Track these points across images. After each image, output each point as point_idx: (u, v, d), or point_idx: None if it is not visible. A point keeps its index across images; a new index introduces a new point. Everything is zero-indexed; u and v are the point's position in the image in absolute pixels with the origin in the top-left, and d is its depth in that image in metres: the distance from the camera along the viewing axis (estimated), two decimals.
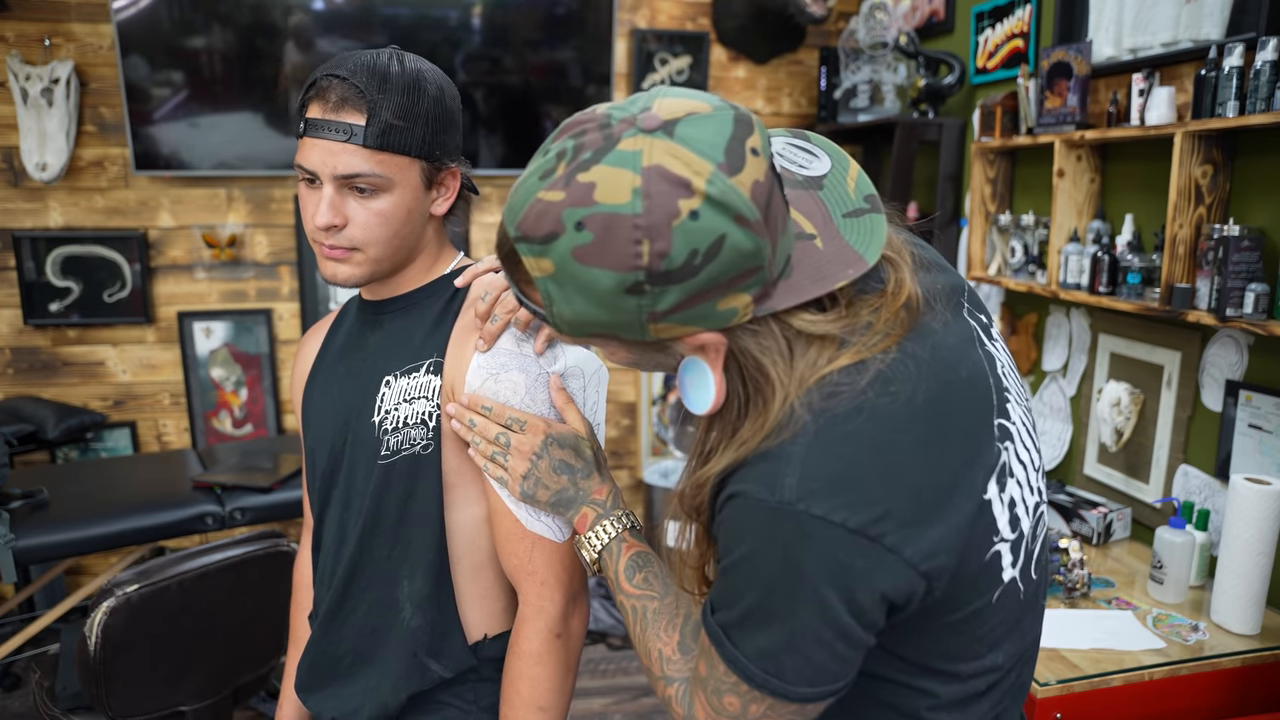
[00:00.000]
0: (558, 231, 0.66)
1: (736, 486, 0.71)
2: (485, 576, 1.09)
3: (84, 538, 2.22)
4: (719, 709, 0.76)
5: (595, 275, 0.66)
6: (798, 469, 0.68)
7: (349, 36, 2.98)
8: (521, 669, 1.01)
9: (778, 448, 0.69)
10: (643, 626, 0.88)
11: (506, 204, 0.71)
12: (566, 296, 0.68)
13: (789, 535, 0.68)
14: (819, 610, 0.69)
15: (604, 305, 0.67)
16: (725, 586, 0.73)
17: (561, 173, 0.66)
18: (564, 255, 0.66)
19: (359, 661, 1.10)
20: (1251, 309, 1.69)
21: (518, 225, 0.68)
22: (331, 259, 1.01)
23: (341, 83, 0.95)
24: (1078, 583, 1.80)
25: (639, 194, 0.64)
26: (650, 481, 3.20)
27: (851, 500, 0.67)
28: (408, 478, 1.03)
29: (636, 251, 0.64)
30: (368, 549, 1.07)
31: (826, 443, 0.68)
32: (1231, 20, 1.87)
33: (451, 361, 1.03)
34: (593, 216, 0.64)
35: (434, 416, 1.02)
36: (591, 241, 0.65)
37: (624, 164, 0.64)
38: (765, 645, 0.71)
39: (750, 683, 0.72)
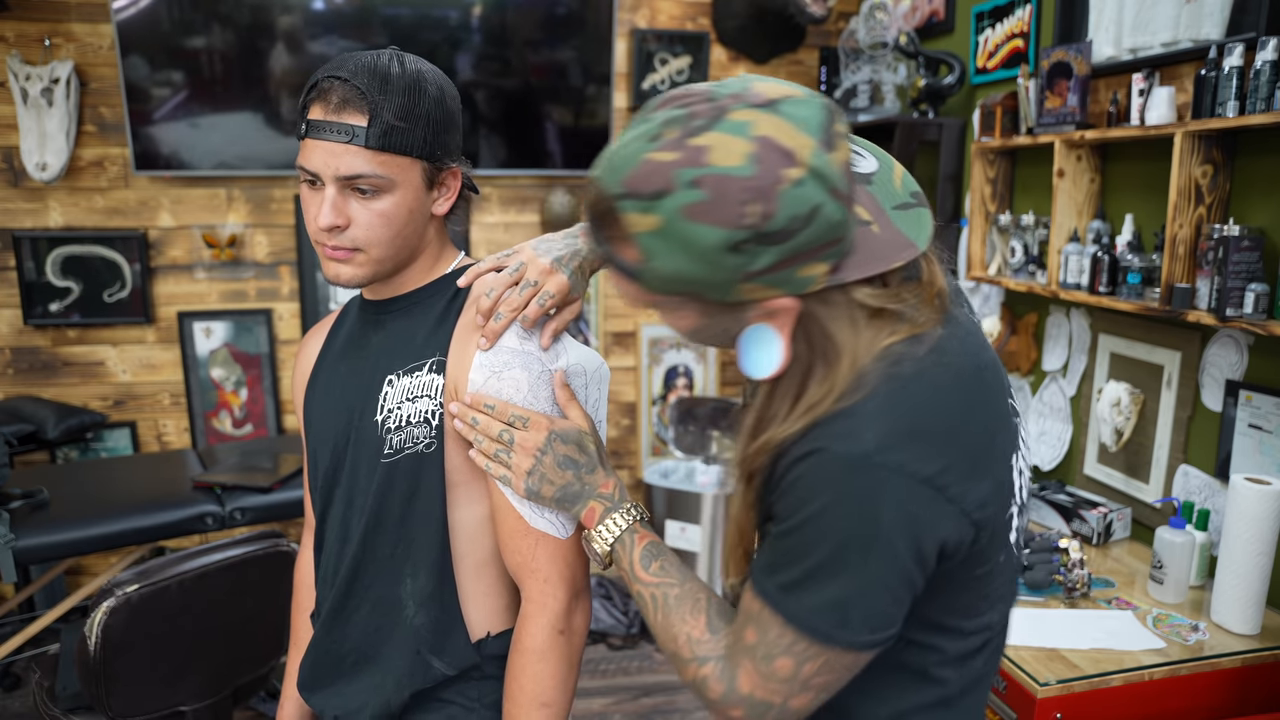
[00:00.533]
0: (668, 189, 0.70)
1: (813, 445, 0.75)
2: (488, 574, 1.09)
3: (84, 538, 2.22)
4: (768, 674, 0.79)
5: (702, 232, 0.70)
6: (874, 425, 0.74)
7: (349, 36, 2.98)
8: (524, 665, 1.01)
9: (851, 407, 0.75)
10: (665, 613, 0.89)
11: (603, 165, 0.74)
12: (668, 251, 0.72)
13: (868, 485, 0.73)
14: (889, 557, 0.74)
15: (703, 261, 0.71)
16: (789, 546, 0.77)
17: (672, 137, 0.70)
18: (673, 211, 0.70)
19: (362, 660, 1.10)
20: (1251, 309, 1.69)
21: (623, 183, 0.72)
22: (334, 260, 1.01)
23: (343, 84, 0.96)
24: (1078, 583, 1.80)
25: (751, 159, 0.69)
26: (650, 481, 3.20)
27: (921, 453, 0.74)
28: (411, 476, 1.04)
29: (744, 212, 0.69)
30: (371, 547, 1.07)
31: (896, 402, 0.75)
32: (1231, 20, 1.87)
33: (454, 360, 1.03)
34: (705, 177, 0.69)
35: (437, 415, 1.03)
36: (702, 200, 0.69)
37: (736, 132, 0.69)
38: (832, 597, 0.75)
39: (813, 636, 0.76)
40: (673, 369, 3.62)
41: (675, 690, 2.85)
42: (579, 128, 3.26)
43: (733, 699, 0.82)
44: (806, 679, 0.79)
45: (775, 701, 0.81)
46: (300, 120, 0.99)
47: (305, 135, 0.98)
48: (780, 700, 0.80)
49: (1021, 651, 1.62)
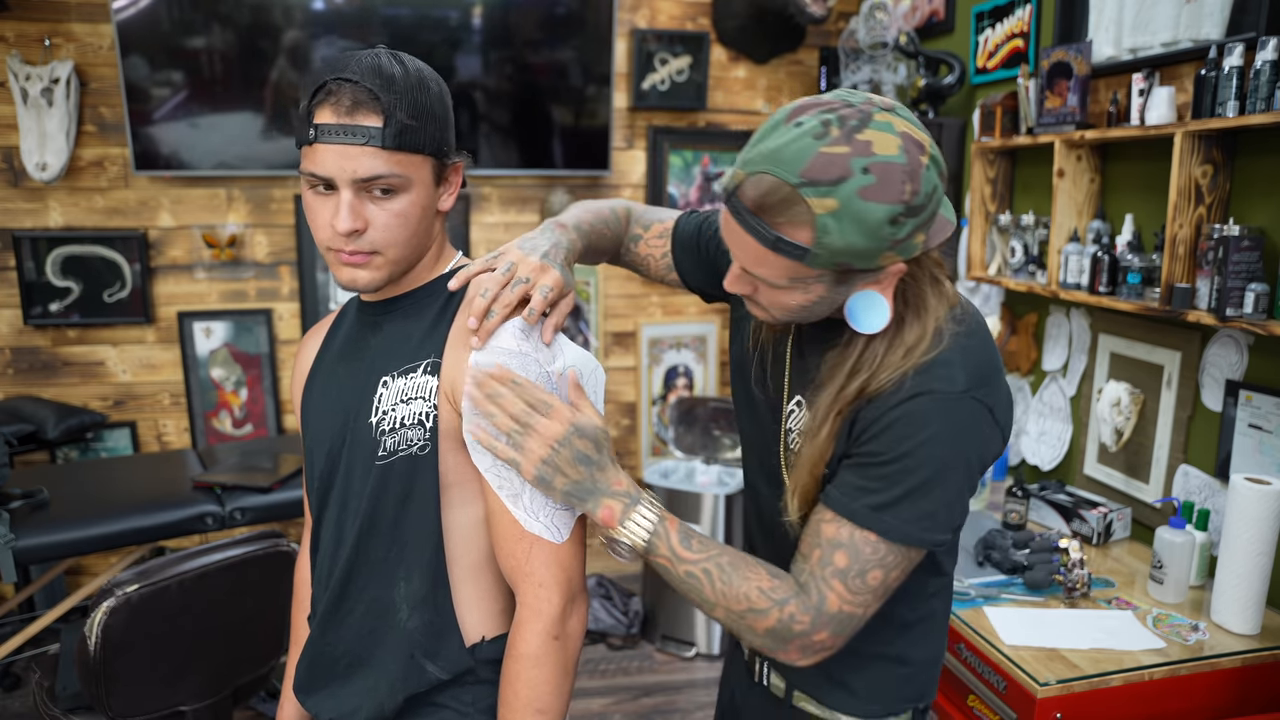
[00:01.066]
0: (846, 175, 0.85)
1: (919, 388, 0.94)
2: (483, 578, 1.08)
3: (84, 538, 2.22)
4: (859, 589, 0.95)
5: (873, 209, 0.85)
6: (961, 369, 0.95)
7: (349, 36, 2.98)
8: (519, 671, 1.01)
9: (941, 357, 0.95)
10: (724, 579, 0.98)
11: (767, 161, 0.87)
12: (842, 228, 0.86)
13: (963, 417, 0.94)
14: (968, 471, 0.96)
15: (870, 234, 0.86)
16: (888, 473, 0.94)
17: (838, 134, 0.86)
18: (850, 193, 0.85)
19: (356, 662, 1.10)
20: (1251, 309, 1.69)
21: (802, 173, 0.85)
22: (351, 264, 1.00)
23: (353, 86, 0.95)
24: (1078, 583, 1.80)
25: (902, 149, 0.86)
26: (650, 481, 3.20)
27: (989, 390, 0.97)
28: (405, 478, 1.03)
29: (903, 189, 0.86)
30: (365, 550, 1.07)
31: (967, 351, 0.96)
32: (1231, 20, 1.87)
33: (449, 362, 1.03)
34: (875, 164, 0.85)
35: (431, 417, 1.02)
36: (875, 183, 0.85)
37: (885, 129, 0.86)
38: (926, 509, 0.94)
39: (907, 543, 0.95)
40: (673, 369, 3.62)
41: (675, 690, 2.85)
42: (579, 128, 3.26)
43: (821, 621, 0.95)
44: (889, 584, 0.96)
45: (859, 613, 0.96)
46: (305, 126, 0.97)
47: (314, 140, 0.96)
48: (863, 611, 0.96)
49: (1021, 651, 1.62)
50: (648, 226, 1.29)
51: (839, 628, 0.96)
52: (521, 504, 1.00)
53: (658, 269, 1.29)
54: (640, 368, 3.58)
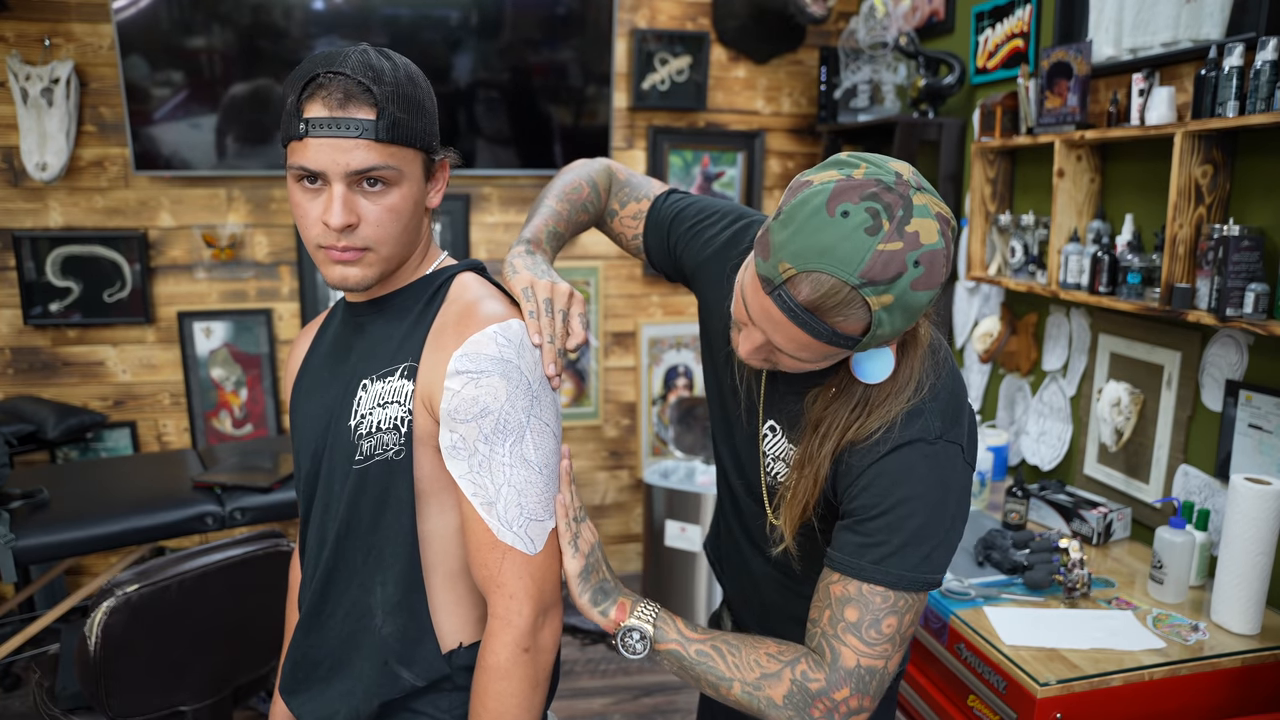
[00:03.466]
0: (902, 271, 0.87)
1: (903, 438, 0.98)
2: (460, 585, 1.07)
3: (84, 538, 2.22)
4: (875, 639, 0.97)
5: (920, 297, 0.89)
6: (938, 416, 1.00)
7: (349, 36, 2.98)
8: (487, 683, 0.99)
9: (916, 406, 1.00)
10: (735, 652, 1.02)
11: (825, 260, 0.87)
12: (893, 319, 0.89)
13: (944, 459, 1.00)
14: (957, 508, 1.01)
15: (912, 317, 0.91)
16: (882, 525, 0.98)
17: (890, 229, 0.86)
18: (904, 288, 0.88)
19: (336, 666, 1.09)
20: (1251, 309, 1.69)
21: (862, 274, 0.86)
22: (342, 262, 0.99)
23: (344, 79, 0.93)
24: (1078, 583, 1.80)
25: (939, 233, 0.89)
26: (650, 481, 3.20)
27: (959, 430, 1.02)
28: (380, 483, 1.02)
29: (944, 273, 0.90)
30: (343, 554, 1.06)
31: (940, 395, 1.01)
32: (1231, 20, 1.87)
33: (426, 366, 1.01)
34: (924, 254, 0.87)
35: (406, 422, 1.00)
36: (924, 273, 0.88)
37: (925, 215, 0.88)
38: (924, 554, 0.98)
39: (913, 588, 0.97)
40: (673, 369, 3.62)
41: (675, 690, 2.85)
42: (579, 128, 3.26)
43: (837, 678, 0.96)
44: (904, 631, 0.98)
45: (879, 666, 0.97)
46: (294, 120, 0.95)
47: (305, 134, 0.94)
48: (883, 663, 0.97)
49: (1021, 651, 1.62)
50: (624, 204, 1.32)
51: (861, 684, 0.97)
52: (495, 513, 0.98)
53: (630, 246, 1.35)
54: (640, 368, 3.58)
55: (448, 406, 0.98)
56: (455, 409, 0.97)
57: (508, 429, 0.98)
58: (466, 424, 0.97)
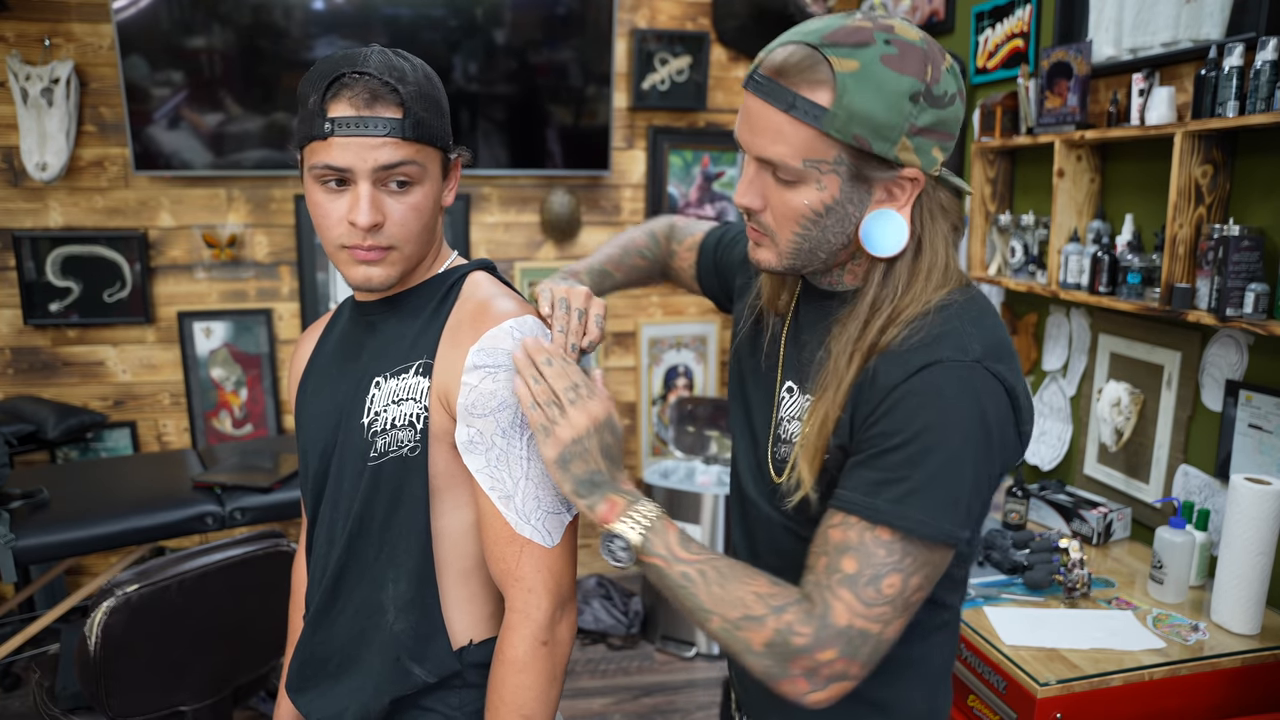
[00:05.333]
0: (869, 41, 0.85)
1: (929, 358, 0.86)
2: (472, 582, 1.08)
3: (84, 538, 2.22)
4: (873, 599, 0.84)
5: (893, 77, 0.85)
6: (976, 339, 0.88)
7: (349, 36, 2.98)
8: (505, 676, 1.00)
9: (948, 329, 0.88)
10: (720, 581, 0.89)
11: (796, 33, 0.88)
12: (861, 90, 0.84)
13: (980, 388, 0.85)
14: (990, 456, 0.86)
15: (888, 104, 0.85)
16: (903, 459, 0.85)
17: (861, 18, 0.87)
18: (872, 58, 0.85)
19: (345, 663, 1.09)
20: (1251, 309, 1.69)
21: (825, 38, 0.86)
22: (366, 262, 0.99)
23: (369, 79, 0.94)
24: (1078, 583, 1.80)
25: (924, 40, 0.88)
26: (650, 481, 3.20)
27: (1008, 367, 0.88)
28: (394, 480, 1.02)
29: (924, 69, 0.86)
30: (355, 551, 1.06)
31: (980, 327, 0.90)
32: (1231, 20, 1.87)
33: (442, 363, 1.02)
34: (897, 39, 0.86)
35: (422, 419, 1.01)
36: (896, 54, 0.85)
37: (909, 25, 0.88)
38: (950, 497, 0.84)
39: (935, 538, 0.84)
40: (673, 369, 3.62)
41: (675, 690, 2.85)
42: (579, 128, 3.26)
43: (825, 637, 0.83)
44: (909, 595, 0.85)
45: (874, 630, 0.84)
46: (316, 120, 0.95)
47: (330, 134, 0.94)
48: (879, 628, 0.84)
49: (1021, 651, 1.62)
50: (681, 241, 1.33)
51: (850, 648, 0.84)
52: (514, 506, 1.00)
53: (688, 279, 1.33)
54: (640, 368, 3.58)
55: (465, 401, 0.99)
56: (473, 403, 0.99)
57: (525, 423, 0.99)
58: (484, 418, 0.99)
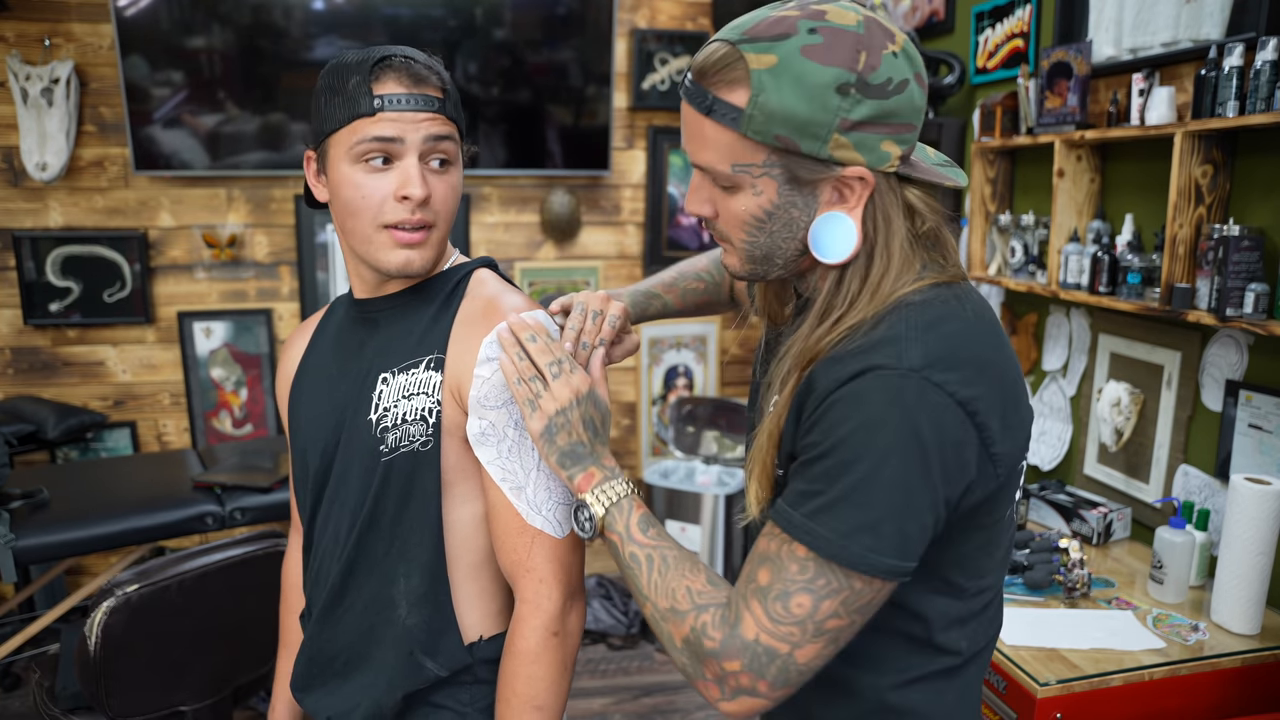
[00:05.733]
0: (789, 33, 0.79)
1: (862, 364, 0.79)
2: (483, 576, 1.08)
3: (84, 538, 2.22)
4: (780, 616, 0.78)
5: (815, 69, 0.78)
6: (918, 345, 0.79)
7: (349, 36, 2.98)
8: (517, 668, 1.01)
9: (893, 334, 0.80)
10: (663, 570, 0.88)
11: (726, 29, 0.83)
12: (779, 86, 0.78)
13: (913, 398, 0.76)
14: (926, 476, 0.77)
15: (811, 98, 0.78)
16: (824, 470, 0.78)
17: (795, 3, 0.81)
18: (792, 50, 0.78)
19: (355, 660, 1.09)
20: (1251, 309, 1.69)
21: (745, 32, 0.80)
22: (409, 244, 1.01)
23: (413, 63, 1.00)
24: (1078, 583, 1.80)
25: (862, 24, 0.80)
26: (650, 481, 3.20)
27: (961, 377, 0.78)
28: (406, 475, 1.03)
29: (856, 57, 0.78)
30: (365, 547, 1.06)
31: (933, 333, 0.80)
32: (1231, 20, 1.87)
33: (454, 357, 1.03)
34: (824, 27, 0.79)
35: (434, 413, 1.02)
36: (820, 43, 0.78)
37: (849, 8, 0.81)
38: (866, 519, 0.76)
39: (840, 562, 0.76)
40: (673, 369, 3.63)
41: (675, 690, 2.85)
42: (579, 128, 3.26)
43: (732, 647, 0.80)
44: (821, 621, 0.78)
45: (781, 650, 0.78)
46: (362, 98, 0.98)
47: (381, 109, 0.97)
48: (787, 649, 0.78)
49: (1021, 651, 1.62)
50: None
51: (756, 663, 0.79)
52: (525, 497, 1.00)
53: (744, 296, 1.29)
54: (640, 368, 3.58)
55: (477, 394, 1.00)
56: (485, 395, 1.00)
57: None
58: (496, 410, 1.00)
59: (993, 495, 0.83)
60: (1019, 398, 0.84)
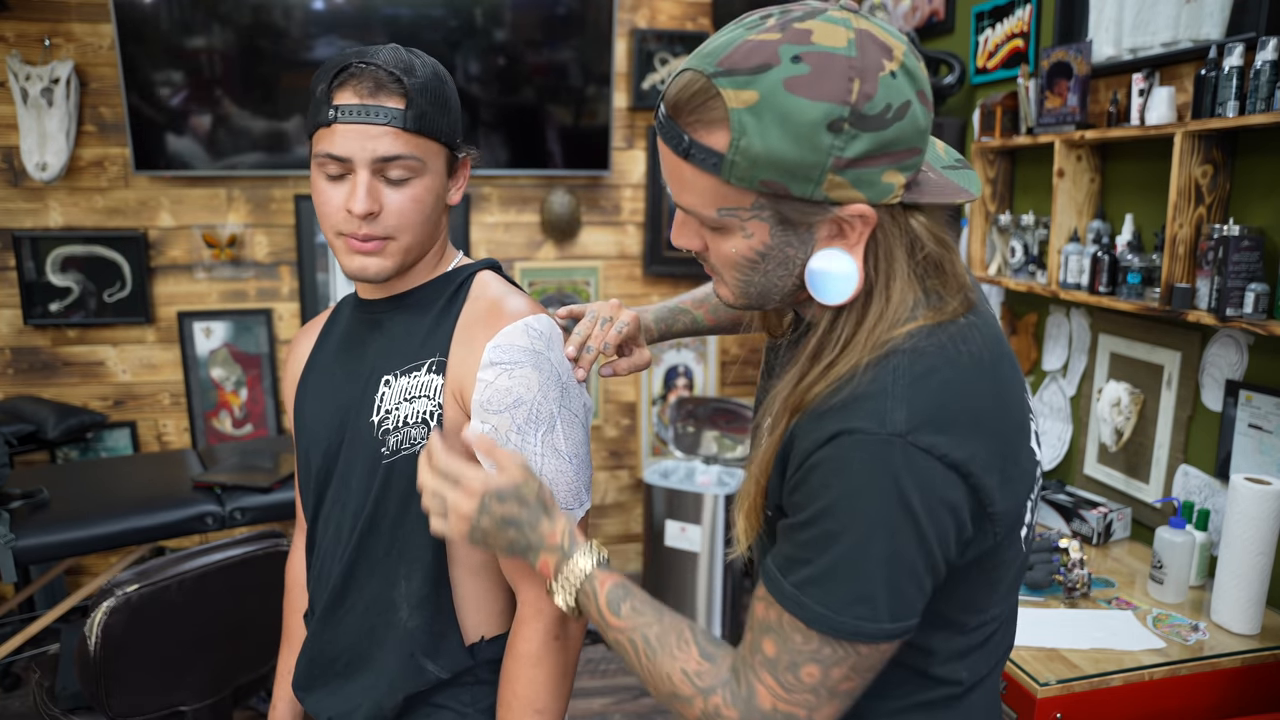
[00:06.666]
0: (771, 63, 0.70)
1: (841, 425, 0.73)
2: (484, 578, 1.08)
3: (84, 538, 2.22)
4: (793, 685, 0.76)
5: (802, 105, 0.69)
6: (903, 405, 0.73)
7: (349, 36, 2.98)
8: (519, 671, 1.01)
9: (878, 389, 0.74)
10: (650, 654, 0.84)
11: (696, 55, 0.74)
12: (762, 128, 0.70)
13: (898, 465, 0.71)
14: (917, 542, 0.73)
15: (799, 139, 0.70)
16: (810, 538, 0.75)
17: (774, 23, 0.71)
18: (774, 84, 0.69)
19: (356, 661, 1.10)
20: (1251, 309, 1.69)
21: (720, 62, 0.71)
22: (362, 252, 1.00)
23: (375, 69, 0.96)
24: (1078, 583, 1.80)
25: (853, 44, 0.70)
26: (650, 481, 3.20)
27: (951, 439, 0.73)
28: (407, 477, 1.03)
29: (848, 88, 0.69)
30: (366, 549, 1.06)
31: (922, 387, 0.74)
32: (1231, 20, 1.87)
33: (456, 360, 1.02)
34: (810, 53, 0.70)
35: (435, 415, 1.02)
36: (807, 73, 0.69)
37: (837, 23, 0.71)
38: (859, 590, 0.73)
39: (840, 636, 0.74)
40: (673, 369, 3.63)
41: None
42: (579, 128, 3.26)
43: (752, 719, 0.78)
44: (834, 685, 0.76)
45: (800, 715, 0.77)
46: (323, 107, 0.97)
47: (334, 121, 0.96)
48: (806, 713, 0.77)
49: (1021, 651, 1.62)
50: None
51: None
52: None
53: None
54: None
55: (480, 398, 1.00)
56: (488, 400, 0.99)
57: (540, 419, 1.00)
58: (499, 414, 0.99)
59: (997, 545, 0.80)
60: (1019, 447, 0.80)
